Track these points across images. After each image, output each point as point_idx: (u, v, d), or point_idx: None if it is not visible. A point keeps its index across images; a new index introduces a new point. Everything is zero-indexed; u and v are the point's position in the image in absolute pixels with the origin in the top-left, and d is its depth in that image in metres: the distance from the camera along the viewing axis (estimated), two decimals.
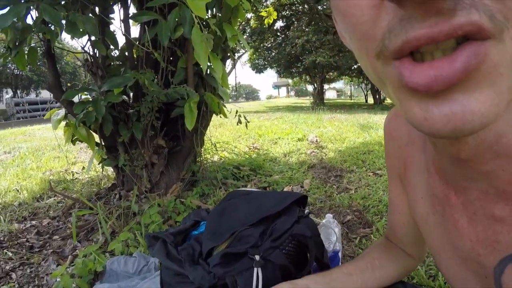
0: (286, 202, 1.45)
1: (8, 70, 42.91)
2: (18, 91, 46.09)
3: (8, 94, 46.04)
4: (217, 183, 3.49)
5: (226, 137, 6.43)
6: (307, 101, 37.53)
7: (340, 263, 2.08)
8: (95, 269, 2.28)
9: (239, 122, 3.54)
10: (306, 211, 1.46)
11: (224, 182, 3.57)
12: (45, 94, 43.75)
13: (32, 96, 46.22)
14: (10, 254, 2.74)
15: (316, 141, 5.91)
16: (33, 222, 3.33)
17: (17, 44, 2.78)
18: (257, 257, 1.26)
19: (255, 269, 1.24)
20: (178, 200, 3.09)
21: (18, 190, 4.36)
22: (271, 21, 4.97)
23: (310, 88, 44.26)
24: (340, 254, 2.10)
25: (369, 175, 3.80)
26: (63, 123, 3.23)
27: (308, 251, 1.39)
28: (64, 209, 3.47)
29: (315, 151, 5.21)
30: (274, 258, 1.30)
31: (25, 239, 2.97)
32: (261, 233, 1.36)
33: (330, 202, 3.11)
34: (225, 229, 1.41)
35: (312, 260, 1.37)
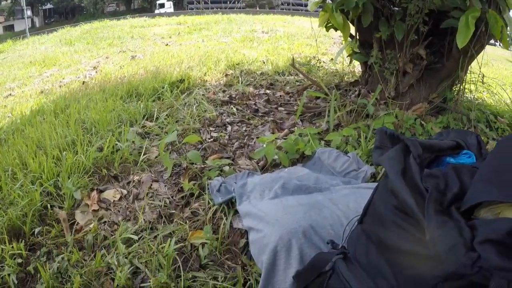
0: None
1: None
2: None
3: None
4: (466, 122, 2.89)
5: (487, 79, 5.47)
6: None
7: None
8: (304, 151, 2.07)
9: None
10: None
11: (474, 125, 2.96)
12: None
13: None
14: (235, 110, 2.78)
15: None
16: (267, 91, 3.32)
17: None
18: None
19: None
20: (419, 120, 2.62)
21: (264, 62, 4.49)
22: None
23: None
24: None
25: None
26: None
27: None
28: (300, 88, 3.34)
29: None
30: None
31: (254, 103, 2.97)
32: None
33: None
34: None
35: None
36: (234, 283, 1.36)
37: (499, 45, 2.79)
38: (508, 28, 2.75)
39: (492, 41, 3.01)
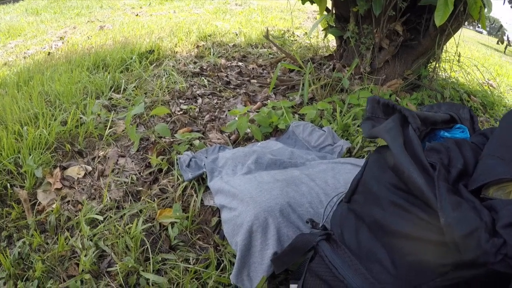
0: None
1: None
2: None
3: None
4: (441, 100, 2.89)
5: (462, 58, 5.51)
6: None
7: None
8: (277, 124, 2.01)
9: (500, 41, 2.76)
10: None
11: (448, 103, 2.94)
12: None
13: None
14: (206, 82, 2.68)
15: None
16: (240, 63, 3.21)
17: None
18: None
19: None
20: (394, 96, 2.60)
21: (237, 34, 4.37)
22: None
23: None
24: None
25: None
26: None
27: None
28: (273, 60, 3.26)
29: None
30: None
31: (226, 75, 2.86)
32: None
33: None
34: None
35: None
36: (206, 265, 1.29)
37: (477, 25, 2.74)
38: (486, 9, 2.72)
39: (467, 25, 2.97)
